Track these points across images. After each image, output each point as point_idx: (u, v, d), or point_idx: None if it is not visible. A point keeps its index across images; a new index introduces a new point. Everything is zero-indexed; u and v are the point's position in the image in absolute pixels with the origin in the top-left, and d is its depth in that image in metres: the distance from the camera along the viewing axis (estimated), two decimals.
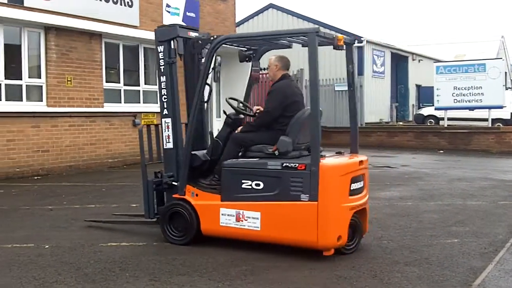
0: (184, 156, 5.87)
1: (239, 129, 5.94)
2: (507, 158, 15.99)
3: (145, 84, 14.13)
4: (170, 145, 6.04)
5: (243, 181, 5.43)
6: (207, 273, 4.81)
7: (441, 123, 21.95)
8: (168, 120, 6.04)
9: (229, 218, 5.49)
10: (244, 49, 6.42)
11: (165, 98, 6.05)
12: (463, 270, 4.94)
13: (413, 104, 29.84)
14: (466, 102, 19.34)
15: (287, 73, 5.91)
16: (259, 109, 6.04)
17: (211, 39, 6.09)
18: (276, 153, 5.41)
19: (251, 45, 6.41)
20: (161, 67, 6.05)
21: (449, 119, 20.02)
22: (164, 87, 6.04)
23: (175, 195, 5.91)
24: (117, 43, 13.45)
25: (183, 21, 14.84)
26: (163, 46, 6.03)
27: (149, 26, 13.27)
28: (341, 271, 4.90)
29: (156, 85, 6.79)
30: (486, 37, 40.87)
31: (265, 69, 7.86)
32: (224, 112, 6.34)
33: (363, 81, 22.34)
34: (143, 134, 6.39)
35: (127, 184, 10.03)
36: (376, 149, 18.35)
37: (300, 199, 5.14)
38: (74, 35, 12.17)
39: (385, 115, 26.16)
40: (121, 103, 13.56)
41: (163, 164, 6.19)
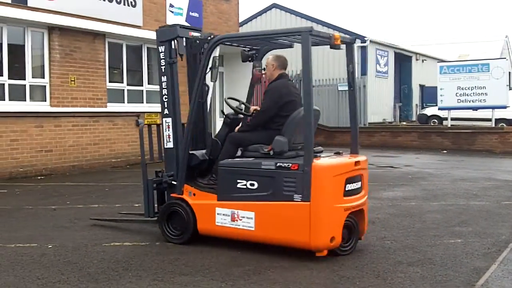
0: (182, 156, 5.89)
1: (236, 128, 5.94)
2: (510, 158, 15.95)
3: (149, 84, 14.14)
4: (171, 145, 6.07)
5: (238, 180, 5.41)
6: (210, 273, 4.81)
7: (444, 123, 21.91)
8: (169, 120, 6.07)
9: (224, 217, 5.49)
10: (246, 49, 6.42)
11: (165, 98, 6.08)
12: (466, 270, 4.93)
13: (416, 104, 29.79)
14: (470, 102, 19.29)
15: (284, 72, 5.88)
16: (256, 109, 6.03)
17: (208, 39, 6.09)
18: (271, 153, 5.38)
19: (248, 44, 6.41)
20: (162, 67, 6.08)
21: (452, 119, 19.99)
22: (165, 87, 6.06)
23: (173, 194, 5.94)
24: (121, 43, 13.47)
25: (186, 21, 14.85)
26: (164, 46, 6.05)
27: (152, 26, 13.26)
28: (344, 271, 4.89)
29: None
30: (490, 37, 40.86)
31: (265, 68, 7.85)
32: (223, 112, 6.34)
33: (367, 81, 22.30)
34: (144, 133, 6.43)
35: (130, 184, 10.04)
36: (380, 149, 18.35)
37: (293, 199, 5.10)
38: (78, 35, 12.19)
39: (388, 115, 26.13)
40: (124, 103, 13.59)
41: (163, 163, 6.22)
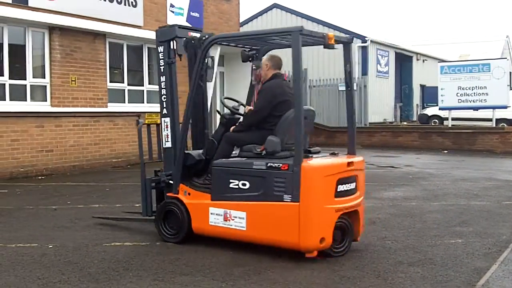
0: (178, 155, 5.90)
1: (231, 128, 5.95)
2: (511, 158, 15.94)
3: (149, 84, 14.14)
4: (169, 144, 6.10)
5: (230, 180, 5.42)
6: (211, 273, 4.81)
7: (445, 123, 21.90)
8: (167, 120, 6.09)
9: (217, 217, 5.49)
10: (246, 49, 6.43)
11: (164, 97, 6.11)
12: (467, 270, 4.92)
13: (417, 104, 29.78)
14: (471, 102, 19.29)
15: (278, 72, 5.88)
16: (250, 109, 6.03)
17: (202, 39, 6.11)
18: (263, 153, 5.36)
19: (242, 44, 6.43)
20: (161, 67, 6.11)
21: (453, 119, 19.98)
22: (164, 87, 6.10)
23: (169, 193, 5.96)
24: (121, 43, 13.47)
25: (187, 21, 14.86)
26: (163, 47, 6.09)
27: (153, 26, 13.22)
28: (345, 271, 4.89)
29: None
30: (491, 37, 40.73)
31: None
32: (218, 112, 6.35)
33: (367, 81, 22.28)
34: (143, 133, 6.47)
35: (131, 184, 10.03)
36: (380, 149, 18.34)
37: (283, 200, 5.08)
38: (78, 35, 12.20)
39: (389, 115, 26.12)
40: (125, 103, 13.59)
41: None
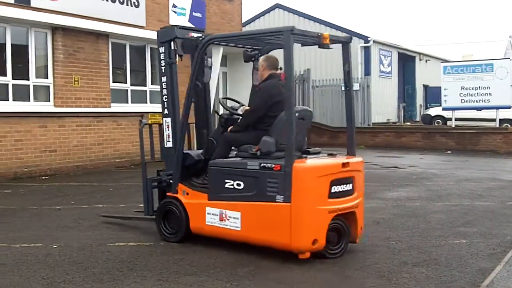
0: (176, 155, 5.92)
1: (229, 129, 5.96)
2: None
3: (152, 84, 14.15)
4: (170, 144, 6.12)
5: (226, 180, 5.43)
6: (215, 273, 4.81)
7: (448, 123, 21.86)
8: (168, 120, 6.12)
9: (213, 217, 5.51)
10: (249, 49, 6.45)
11: (165, 98, 6.13)
12: (471, 270, 4.91)
13: (420, 104, 29.72)
14: (474, 102, 19.24)
15: (274, 72, 5.86)
16: (247, 109, 6.03)
17: (199, 39, 6.12)
18: (258, 153, 5.36)
19: (238, 44, 6.47)
20: (162, 68, 6.14)
21: (456, 119, 19.94)
22: (165, 87, 6.12)
23: (168, 193, 5.99)
24: (124, 43, 13.48)
25: (189, 21, 14.86)
26: (163, 47, 6.11)
27: (155, 27, 13.23)
28: (349, 271, 4.88)
29: None
30: (494, 37, 40.73)
31: None
32: (216, 112, 6.36)
33: (370, 81, 22.24)
34: (144, 133, 6.51)
35: (134, 184, 10.02)
36: (384, 150, 18.32)
37: (276, 200, 5.08)
38: (81, 35, 12.21)
39: (392, 115, 26.08)
40: (128, 103, 13.60)
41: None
